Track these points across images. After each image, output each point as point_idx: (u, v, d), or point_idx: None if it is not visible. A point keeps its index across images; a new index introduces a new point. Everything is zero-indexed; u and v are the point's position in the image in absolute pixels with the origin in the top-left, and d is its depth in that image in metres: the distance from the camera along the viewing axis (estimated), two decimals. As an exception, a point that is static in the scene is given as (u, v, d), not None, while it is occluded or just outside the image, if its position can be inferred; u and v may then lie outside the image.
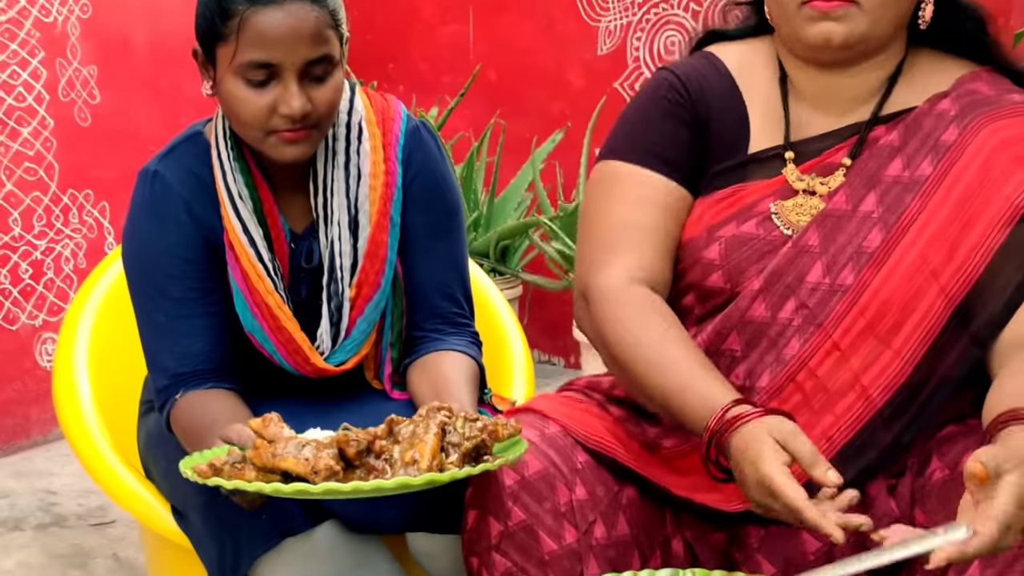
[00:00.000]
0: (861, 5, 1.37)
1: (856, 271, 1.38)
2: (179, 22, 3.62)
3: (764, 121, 1.49)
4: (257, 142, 1.58)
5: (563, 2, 3.78)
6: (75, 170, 3.41)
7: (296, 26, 1.50)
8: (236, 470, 1.27)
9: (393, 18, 4.18)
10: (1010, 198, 1.35)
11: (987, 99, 1.42)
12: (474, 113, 3.81)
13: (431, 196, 1.72)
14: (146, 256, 1.65)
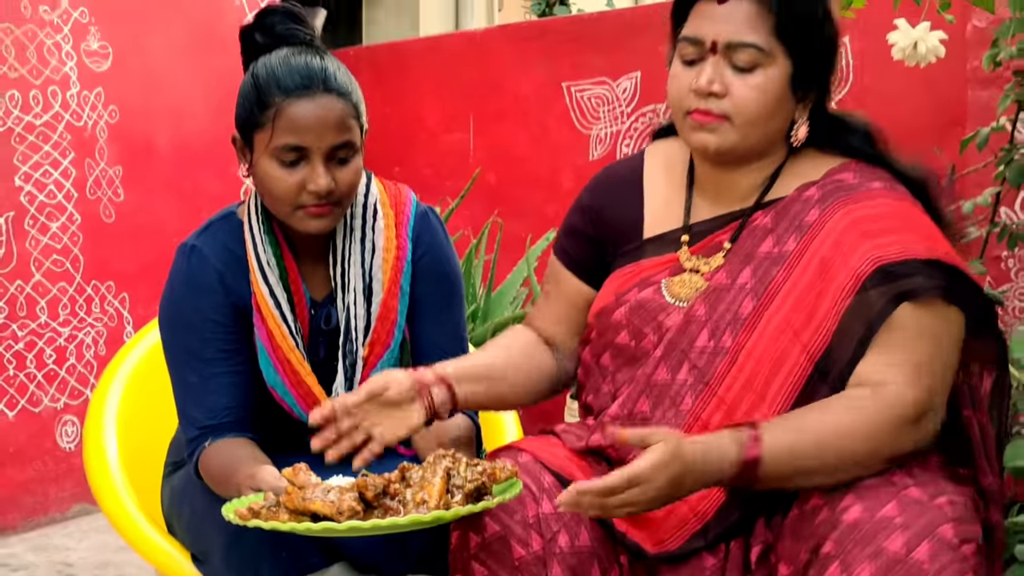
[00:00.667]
0: (732, 121, 1.59)
1: (734, 335, 1.58)
2: (200, 127, 3.89)
3: (667, 208, 1.74)
4: (286, 216, 1.78)
5: (557, 112, 4.04)
6: (99, 263, 3.63)
7: (324, 116, 1.72)
8: (272, 513, 1.45)
9: (400, 126, 4.45)
10: (855, 268, 1.53)
11: (849, 186, 1.61)
12: (473, 213, 4.04)
13: (437, 272, 1.92)
14: (181, 320, 1.83)
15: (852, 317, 1.53)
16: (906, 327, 1.51)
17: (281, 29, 1.80)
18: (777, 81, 1.60)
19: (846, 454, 1.46)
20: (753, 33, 1.58)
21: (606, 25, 3.96)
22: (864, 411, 1.48)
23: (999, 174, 2.41)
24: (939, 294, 1.52)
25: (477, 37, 4.43)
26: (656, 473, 1.39)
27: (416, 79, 4.44)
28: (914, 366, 1.51)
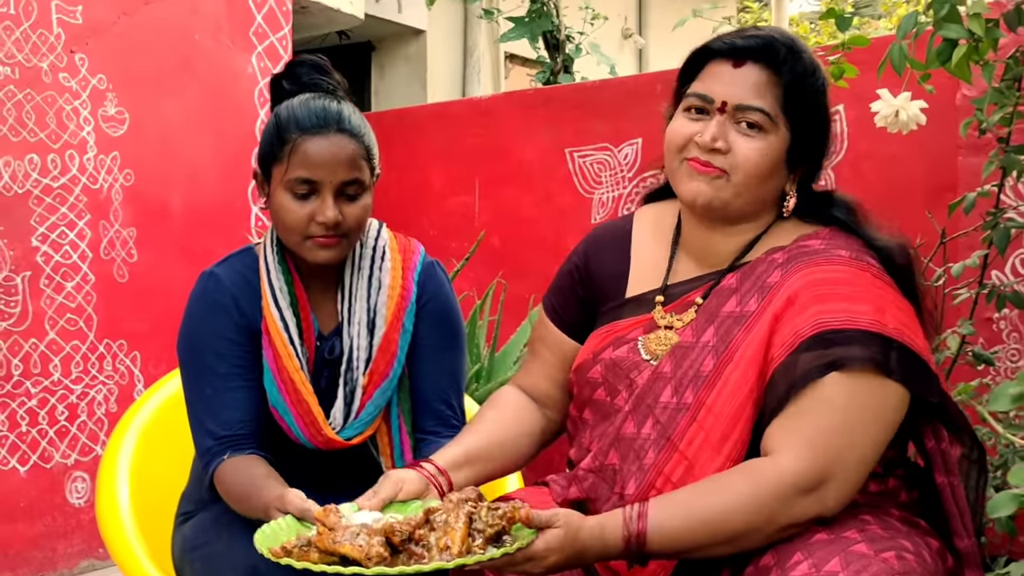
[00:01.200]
0: (730, 177, 1.65)
1: (695, 391, 1.62)
2: (212, 190, 3.99)
3: (652, 267, 1.80)
4: (296, 245, 1.89)
5: (560, 177, 4.14)
6: (111, 322, 3.71)
7: (336, 153, 1.85)
8: (303, 552, 1.51)
9: (408, 189, 4.55)
10: (796, 327, 1.56)
11: (814, 251, 1.65)
12: (478, 275, 4.12)
13: (440, 318, 2.03)
14: (198, 338, 1.94)
15: (780, 376, 1.56)
16: (828, 394, 1.53)
17: (307, 79, 1.95)
18: (776, 148, 1.66)
19: (737, 528, 1.50)
20: (762, 99, 1.65)
21: (608, 93, 4.07)
22: (750, 485, 1.51)
23: (986, 237, 2.48)
24: (870, 366, 1.53)
25: (483, 104, 4.54)
26: (549, 553, 1.47)
27: (423, 144, 4.55)
28: (810, 438, 1.52)
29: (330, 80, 1.96)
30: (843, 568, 1.41)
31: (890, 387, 1.55)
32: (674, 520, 1.50)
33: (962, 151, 3.06)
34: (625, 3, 8.98)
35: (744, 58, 1.67)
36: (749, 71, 1.66)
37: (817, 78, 1.69)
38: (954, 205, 2.53)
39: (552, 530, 1.47)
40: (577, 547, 1.49)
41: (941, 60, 1.79)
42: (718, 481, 1.54)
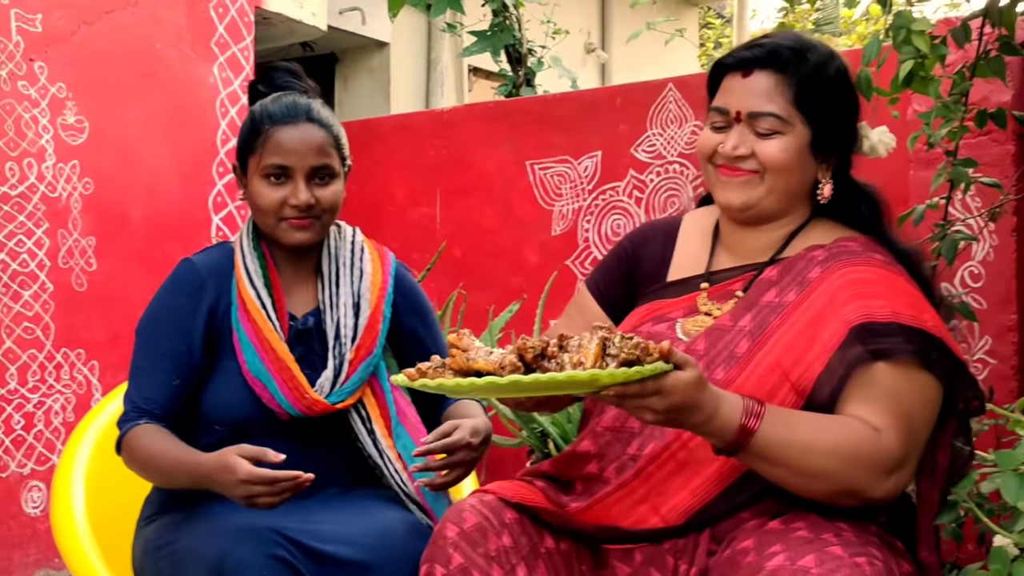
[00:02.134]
0: (761, 175, 1.76)
1: (726, 370, 1.70)
2: (172, 199, 3.98)
3: (693, 258, 1.90)
4: (272, 228, 2.04)
5: (521, 188, 4.17)
6: (69, 331, 3.69)
7: (305, 139, 2.01)
8: (438, 372, 1.50)
9: (369, 201, 4.56)
10: (845, 317, 1.65)
11: (853, 251, 1.75)
12: (439, 285, 4.14)
13: (423, 309, 2.24)
14: (154, 313, 2.06)
15: (834, 364, 1.64)
16: (888, 383, 1.62)
17: (281, 82, 2.12)
18: (797, 144, 1.76)
19: (822, 469, 1.56)
20: (772, 104, 1.76)
21: (569, 106, 4.11)
22: (856, 439, 1.58)
23: (935, 249, 2.53)
24: (915, 359, 1.63)
25: (445, 116, 4.57)
26: (675, 392, 1.47)
27: (385, 155, 4.57)
28: (899, 419, 1.61)
29: (303, 84, 2.13)
30: (816, 565, 1.47)
31: (930, 381, 1.65)
32: (779, 432, 1.55)
33: (912, 165, 3.11)
34: (588, 18, 9.04)
35: (751, 67, 1.78)
36: (757, 79, 1.77)
37: (829, 70, 1.78)
38: (903, 217, 2.57)
39: (685, 371, 1.48)
40: (696, 400, 1.50)
41: (906, 83, 1.85)
42: (822, 420, 1.60)
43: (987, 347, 3.04)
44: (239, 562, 1.77)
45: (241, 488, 1.79)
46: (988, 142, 2.93)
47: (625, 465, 1.73)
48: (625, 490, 1.71)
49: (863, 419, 1.60)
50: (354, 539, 1.90)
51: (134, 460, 2.00)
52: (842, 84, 1.81)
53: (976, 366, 3.05)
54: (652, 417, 1.50)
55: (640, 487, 1.71)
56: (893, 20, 2.05)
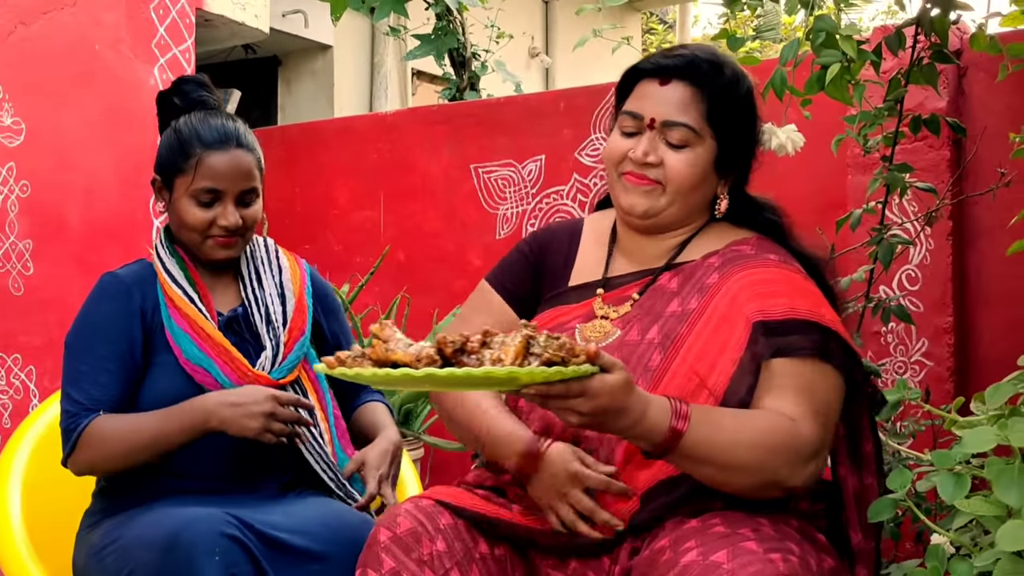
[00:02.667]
0: (664, 188, 1.80)
1: (644, 384, 1.70)
2: (113, 203, 3.93)
3: (593, 263, 1.92)
4: (198, 244, 2.12)
5: (465, 192, 4.17)
6: (5, 336, 3.62)
7: (237, 165, 2.09)
8: (356, 361, 1.48)
9: (312, 204, 4.54)
10: (749, 319, 1.70)
11: (746, 255, 1.80)
12: (383, 289, 4.13)
13: (339, 312, 2.33)
14: (86, 321, 2.10)
15: (746, 365, 1.69)
16: (792, 375, 1.67)
17: (195, 95, 2.17)
18: (704, 158, 1.79)
19: (747, 462, 1.59)
20: (687, 115, 1.78)
21: (512, 110, 4.12)
22: (776, 430, 1.61)
23: (872, 253, 2.57)
24: (813, 353, 1.67)
25: (388, 119, 4.56)
26: (601, 394, 1.47)
27: (328, 159, 4.55)
28: (813, 407, 1.65)
29: (214, 96, 2.20)
30: (728, 560, 1.49)
31: (831, 372, 1.70)
32: (705, 430, 1.57)
33: (850, 169, 3.16)
34: (532, 22, 9.07)
35: (670, 76, 1.80)
36: (674, 88, 1.79)
37: (740, 88, 1.82)
38: (841, 221, 2.62)
39: (612, 374, 1.48)
40: (624, 404, 1.50)
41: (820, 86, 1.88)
42: (742, 415, 1.64)
43: (924, 349, 3.10)
44: (191, 539, 1.78)
45: (268, 404, 1.97)
46: (924, 147, 2.99)
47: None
48: None
49: (778, 410, 1.64)
50: (307, 529, 1.93)
51: (103, 447, 2.00)
52: (750, 103, 1.85)
53: (913, 368, 3.11)
54: (577, 419, 1.50)
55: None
56: (814, 23, 2.09)
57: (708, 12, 13.33)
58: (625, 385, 1.49)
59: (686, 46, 1.86)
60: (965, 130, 2.50)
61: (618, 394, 1.48)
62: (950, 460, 1.65)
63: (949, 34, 2.31)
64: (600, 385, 1.47)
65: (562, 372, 1.43)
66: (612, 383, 1.47)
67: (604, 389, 1.47)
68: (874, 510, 1.74)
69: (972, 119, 3.01)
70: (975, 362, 3.11)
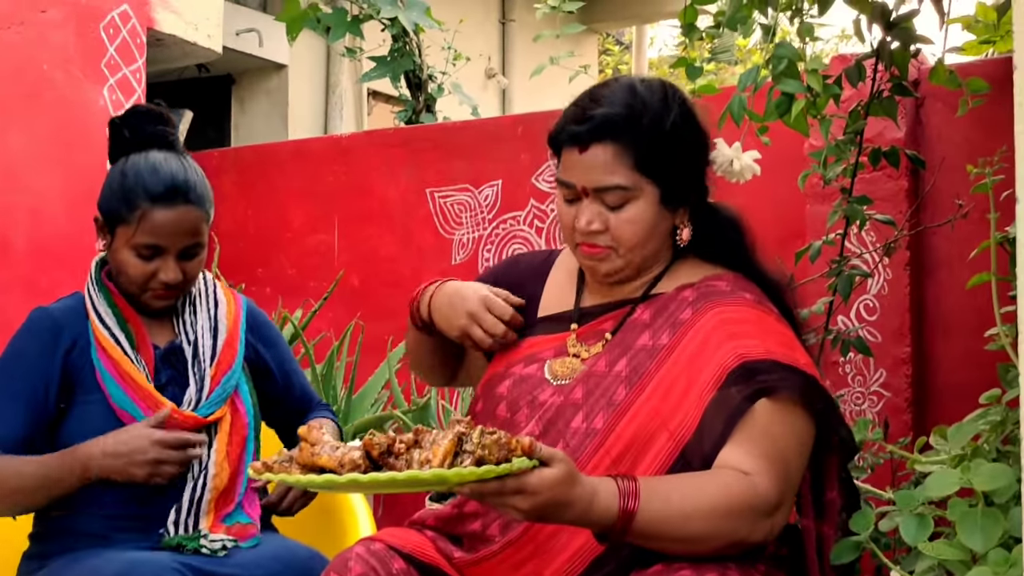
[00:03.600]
0: (617, 251, 1.73)
1: (605, 418, 1.68)
2: (60, 226, 3.85)
3: (562, 295, 1.88)
4: (135, 294, 2.04)
5: (421, 217, 4.13)
6: (-53, 362, 3.52)
7: (181, 223, 1.99)
8: (284, 467, 1.49)
9: (264, 227, 4.48)
10: (720, 362, 1.65)
11: (722, 291, 1.74)
12: (336, 315, 4.07)
13: (277, 340, 2.27)
14: (8, 355, 2.04)
15: (715, 410, 1.64)
16: (764, 423, 1.62)
17: (149, 130, 2.05)
18: (647, 209, 1.72)
19: (702, 532, 1.56)
20: (615, 175, 1.70)
21: (469, 134, 4.09)
22: (730, 494, 1.57)
23: (831, 284, 2.56)
24: (795, 394, 1.64)
25: (343, 141, 4.52)
26: (541, 490, 1.44)
27: (282, 181, 4.49)
28: (772, 461, 1.61)
29: (169, 130, 2.08)
30: None
31: (807, 419, 1.67)
32: (657, 505, 1.54)
33: (809, 200, 3.16)
34: (488, 44, 9.05)
35: (586, 143, 1.71)
36: (595, 153, 1.71)
37: (665, 124, 1.72)
38: (800, 253, 2.61)
39: (552, 468, 1.44)
40: (568, 497, 1.47)
41: (780, 113, 1.85)
42: (695, 482, 1.59)
43: (882, 380, 3.09)
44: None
45: (153, 451, 1.91)
46: (883, 178, 2.99)
47: (509, 524, 1.69)
48: (511, 549, 1.68)
49: (735, 466, 1.60)
50: (258, 561, 1.91)
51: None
52: (682, 131, 1.74)
53: (871, 398, 3.10)
54: (519, 515, 1.48)
55: (525, 547, 1.67)
56: (775, 50, 2.06)
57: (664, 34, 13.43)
58: (566, 479, 1.46)
59: (598, 96, 1.75)
60: (924, 163, 2.50)
61: (558, 489, 1.45)
62: (913, 501, 1.64)
63: (908, 66, 2.31)
64: (538, 482, 1.44)
65: (493, 471, 1.41)
66: (551, 479, 1.44)
67: (543, 485, 1.44)
68: (836, 553, 1.73)
69: (930, 150, 3.02)
70: (933, 392, 3.11)
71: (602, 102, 1.73)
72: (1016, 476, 1.49)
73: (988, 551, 1.44)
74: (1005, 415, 1.79)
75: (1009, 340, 1.84)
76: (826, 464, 1.75)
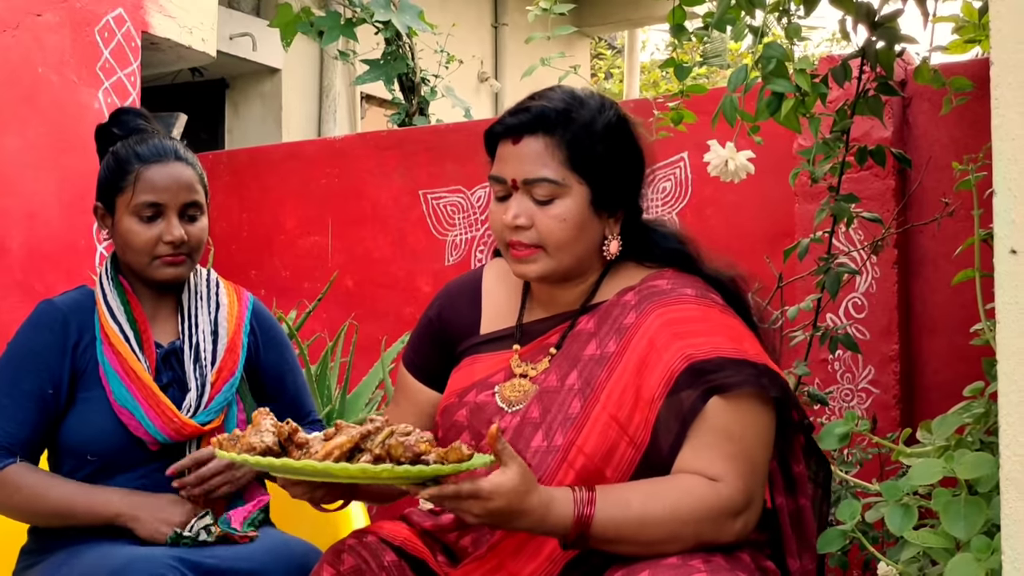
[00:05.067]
0: (545, 250, 1.72)
1: (564, 433, 1.68)
2: (55, 229, 3.87)
3: (503, 311, 1.88)
4: (144, 266, 2.07)
5: (414, 218, 4.15)
6: (-57, 364, 3.52)
7: (176, 178, 2.06)
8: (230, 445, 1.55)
9: (258, 229, 4.49)
10: (668, 364, 1.65)
11: (663, 291, 1.74)
12: (330, 316, 4.09)
13: (281, 346, 2.27)
14: (15, 351, 2.06)
15: (668, 414, 1.64)
16: (721, 423, 1.63)
17: (134, 125, 2.16)
18: (576, 208, 1.72)
19: (662, 536, 1.58)
20: (545, 168, 1.71)
21: (462, 136, 4.11)
22: (692, 500, 1.59)
23: (820, 282, 2.59)
24: (749, 387, 1.64)
25: (337, 144, 4.54)
26: (494, 496, 1.49)
27: (275, 184, 4.51)
28: (735, 460, 1.62)
29: (152, 126, 2.18)
30: None
31: (766, 409, 1.67)
32: (614, 511, 1.56)
33: (798, 199, 3.19)
34: (481, 47, 9.08)
35: (520, 134, 1.74)
36: (527, 144, 1.73)
37: (597, 125, 1.74)
38: (789, 251, 2.64)
39: (506, 475, 1.48)
40: (522, 505, 1.51)
41: (771, 111, 1.87)
42: (654, 488, 1.61)
43: (870, 377, 3.12)
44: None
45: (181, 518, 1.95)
46: (870, 177, 3.02)
47: (480, 539, 1.72)
48: (480, 561, 1.70)
49: (698, 470, 1.62)
50: (252, 555, 1.93)
51: (9, 499, 2.00)
52: (616, 137, 1.76)
53: (860, 395, 3.13)
54: (473, 519, 1.52)
55: (493, 559, 1.69)
56: (763, 51, 2.09)
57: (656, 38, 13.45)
58: (520, 486, 1.50)
59: (539, 95, 1.78)
60: (910, 161, 2.53)
61: (513, 496, 1.50)
62: (898, 492, 1.66)
63: (894, 65, 2.34)
64: (492, 488, 1.48)
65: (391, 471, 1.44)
66: (506, 485, 1.49)
67: (497, 491, 1.48)
68: (823, 541, 1.75)
69: (916, 149, 3.05)
70: (920, 389, 3.14)
71: (541, 99, 1.76)
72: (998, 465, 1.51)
73: (971, 538, 1.47)
74: (988, 407, 1.81)
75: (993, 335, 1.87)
76: (788, 439, 1.76)
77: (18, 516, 2.03)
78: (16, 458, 1.99)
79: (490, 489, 1.48)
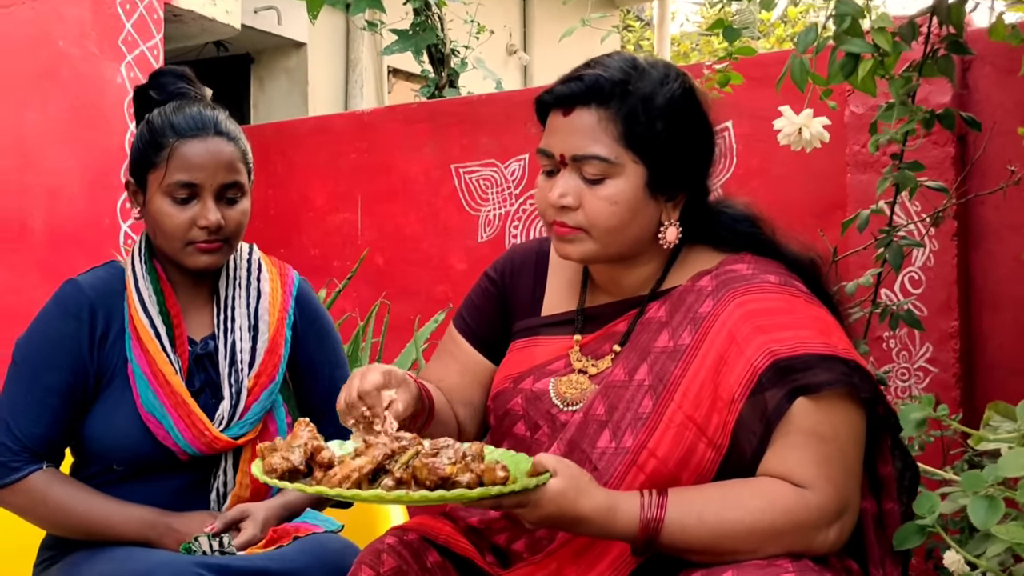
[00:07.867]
0: (589, 233, 1.57)
1: (635, 434, 1.53)
2: (78, 207, 3.78)
3: (567, 290, 1.73)
4: (176, 252, 1.87)
5: (446, 193, 4.04)
6: (-35, 346, 3.46)
7: (215, 155, 1.85)
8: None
9: (287, 207, 4.39)
10: (751, 361, 1.50)
11: (742, 276, 1.58)
12: (361, 295, 3.99)
13: (326, 334, 2.05)
14: (41, 341, 1.88)
15: (750, 414, 1.50)
16: (809, 424, 1.49)
17: (173, 88, 1.94)
18: (629, 190, 1.56)
19: (741, 547, 1.45)
20: (597, 144, 1.54)
21: (495, 108, 3.99)
22: (776, 511, 1.46)
23: (879, 255, 2.45)
24: (839, 387, 1.50)
25: (365, 117, 4.42)
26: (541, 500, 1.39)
27: (303, 159, 4.41)
28: (826, 465, 1.49)
29: (196, 89, 1.96)
30: None
31: (856, 407, 1.53)
32: (687, 519, 1.45)
33: (850, 169, 3.05)
34: (509, 16, 8.94)
35: (572, 105, 1.56)
36: (579, 117, 1.56)
37: (658, 99, 1.57)
38: (847, 223, 2.49)
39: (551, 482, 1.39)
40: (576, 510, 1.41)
41: (845, 74, 1.72)
42: (733, 495, 1.48)
43: (928, 355, 2.98)
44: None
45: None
46: (929, 145, 2.87)
47: (536, 544, 1.60)
48: (536, 566, 1.58)
49: (784, 476, 1.48)
50: (284, 554, 1.80)
51: (35, 508, 1.87)
52: (680, 112, 1.58)
53: (917, 375, 3.00)
54: (531, 526, 1.44)
55: (551, 563, 1.57)
56: (836, 7, 1.93)
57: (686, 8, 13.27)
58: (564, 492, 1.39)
59: (594, 62, 1.61)
60: (980, 125, 2.38)
61: (561, 501, 1.39)
62: (981, 482, 1.53)
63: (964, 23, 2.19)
64: (537, 496, 1.38)
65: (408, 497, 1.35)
66: (549, 493, 1.38)
67: (543, 498, 1.38)
68: (900, 537, 1.62)
69: (978, 115, 2.89)
70: (981, 368, 3.00)
71: (597, 66, 1.59)
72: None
73: (1065, 534, 1.35)
74: (1079, 390, 1.68)
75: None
76: (876, 439, 1.60)
77: (41, 525, 1.90)
78: (43, 464, 1.86)
79: (536, 497, 1.38)
